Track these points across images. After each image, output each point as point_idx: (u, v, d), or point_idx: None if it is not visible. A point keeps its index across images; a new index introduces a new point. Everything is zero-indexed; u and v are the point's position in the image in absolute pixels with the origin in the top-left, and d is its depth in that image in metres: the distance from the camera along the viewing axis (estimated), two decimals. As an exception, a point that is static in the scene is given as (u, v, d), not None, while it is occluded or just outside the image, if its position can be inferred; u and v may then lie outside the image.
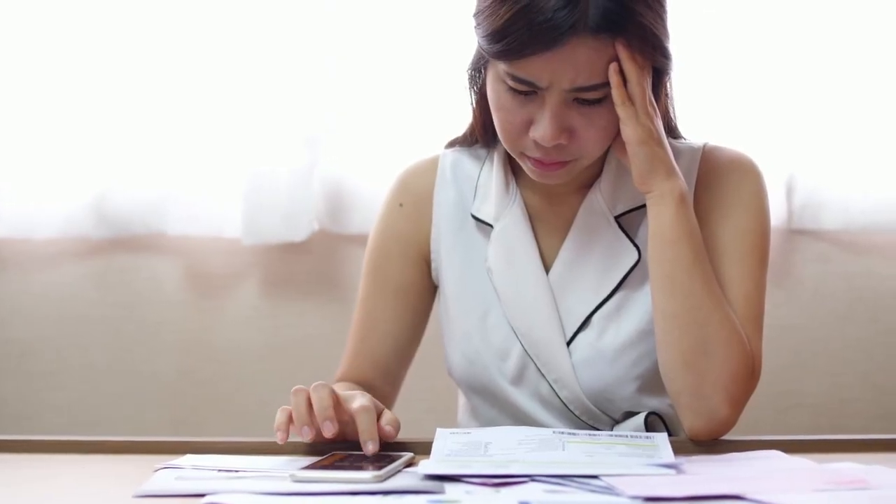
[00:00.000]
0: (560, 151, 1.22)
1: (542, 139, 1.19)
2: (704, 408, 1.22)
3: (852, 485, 0.93)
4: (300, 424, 1.12)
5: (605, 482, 0.95)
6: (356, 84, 1.92)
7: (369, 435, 1.12)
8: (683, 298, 1.22)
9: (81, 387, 1.99)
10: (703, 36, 1.88)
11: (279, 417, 1.13)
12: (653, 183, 1.23)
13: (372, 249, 1.44)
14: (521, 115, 1.21)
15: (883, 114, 1.90)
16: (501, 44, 1.16)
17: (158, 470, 1.08)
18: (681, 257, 1.23)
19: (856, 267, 1.96)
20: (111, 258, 1.99)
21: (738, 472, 1.02)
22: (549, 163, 1.23)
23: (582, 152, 1.23)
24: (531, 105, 1.20)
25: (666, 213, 1.23)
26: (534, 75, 1.17)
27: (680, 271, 1.23)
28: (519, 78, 1.18)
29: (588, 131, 1.21)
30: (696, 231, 1.24)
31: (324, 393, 1.12)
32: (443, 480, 0.99)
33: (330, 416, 1.11)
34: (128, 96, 1.93)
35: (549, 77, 1.16)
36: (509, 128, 1.23)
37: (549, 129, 1.19)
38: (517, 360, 1.34)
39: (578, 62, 1.16)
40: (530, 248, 1.34)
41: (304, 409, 1.12)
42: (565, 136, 1.20)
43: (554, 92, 1.18)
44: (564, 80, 1.17)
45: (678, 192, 1.23)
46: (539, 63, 1.15)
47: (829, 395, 1.97)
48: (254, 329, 1.98)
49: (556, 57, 1.15)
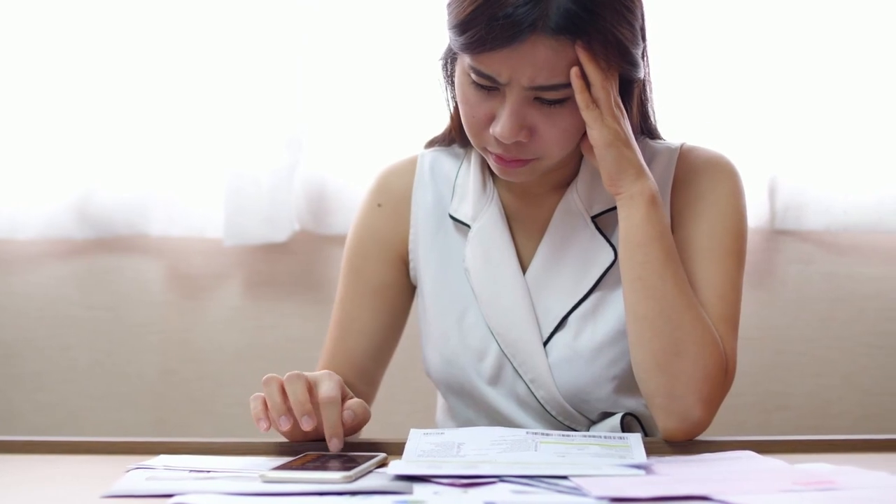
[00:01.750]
0: (520, 149, 1.22)
1: (501, 135, 1.19)
2: (678, 409, 1.22)
3: (820, 485, 0.93)
4: (277, 415, 1.12)
5: (573, 483, 0.95)
6: (337, 85, 1.92)
7: (333, 431, 1.12)
8: (655, 300, 1.22)
9: (64, 387, 1.99)
10: (687, 38, 1.88)
11: (255, 406, 1.13)
12: (622, 185, 1.23)
13: (350, 249, 1.44)
14: (484, 109, 1.21)
15: (865, 115, 1.90)
16: (464, 36, 1.16)
17: (130, 470, 1.08)
18: (651, 259, 1.22)
19: (839, 267, 1.96)
20: (94, 259, 1.99)
21: (707, 473, 1.01)
22: (509, 160, 1.23)
23: (543, 152, 1.23)
24: (493, 100, 1.20)
25: (636, 215, 1.23)
26: (494, 70, 1.17)
27: (651, 273, 1.22)
28: (481, 72, 1.18)
29: (549, 131, 1.21)
30: (666, 232, 1.24)
31: (298, 386, 1.12)
32: (412, 481, 0.99)
33: (308, 411, 1.11)
34: (110, 98, 1.92)
35: (509, 73, 1.17)
36: (472, 122, 1.24)
37: (508, 125, 1.19)
38: (494, 361, 1.34)
39: (537, 60, 1.16)
40: (507, 248, 1.34)
41: (279, 399, 1.12)
42: (525, 134, 1.20)
43: (514, 89, 1.18)
44: (524, 77, 1.17)
45: (648, 194, 1.23)
46: (499, 58, 1.16)
47: (813, 396, 1.97)
48: (236, 329, 1.98)
49: (516, 53, 1.15)
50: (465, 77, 1.22)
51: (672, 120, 1.79)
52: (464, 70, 1.22)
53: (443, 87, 1.34)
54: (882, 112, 1.90)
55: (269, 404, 1.12)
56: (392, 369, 1.49)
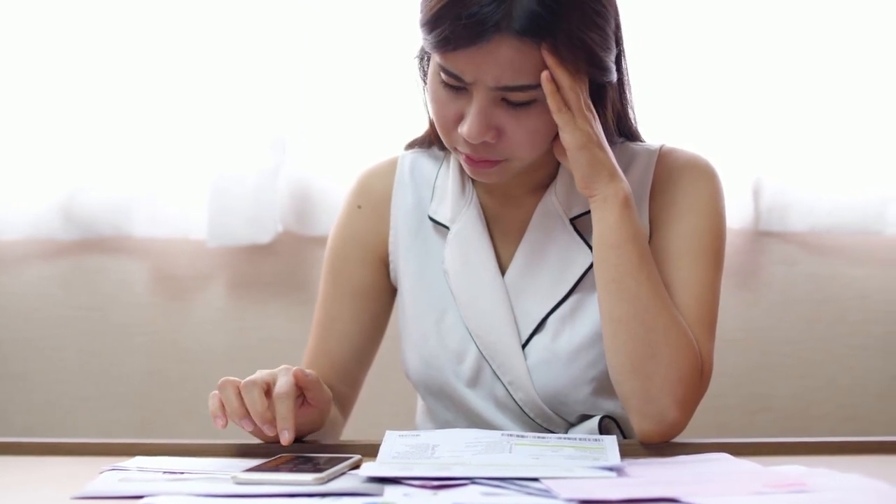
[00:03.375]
0: (488, 150, 1.22)
1: (468, 135, 1.19)
2: (653, 411, 1.22)
3: (791, 488, 0.93)
4: (237, 418, 1.12)
5: (544, 485, 0.95)
6: (321, 86, 1.92)
7: (285, 423, 1.12)
8: (629, 302, 1.22)
9: (49, 388, 1.99)
10: (671, 39, 1.88)
11: (212, 404, 1.14)
12: (595, 187, 1.23)
13: (330, 251, 1.44)
14: (453, 109, 1.21)
15: (849, 116, 1.90)
16: (432, 35, 1.17)
17: (104, 472, 1.08)
18: (625, 261, 1.22)
19: (823, 269, 1.96)
20: (79, 260, 1.99)
21: (679, 475, 1.01)
22: (477, 160, 1.23)
23: (511, 153, 1.23)
24: (461, 100, 1.21)
25: (610, 217, 1.23)
26: (459, 69, 1.17)
27: (625, 275, 1.22)
28: (448, 71, 1.19)
29: (517, 133, 1.21)
30: (640, 234, 1.24)
31: (255, 394, 1.12)
32: (384, 483, 0.99)
33: (268, 420, 1.12)
34: (95, 99, 1.93)
35: (474, 73, 1.17)
36: (442, 121, 1.24)
37: (475, 125, 1.19)
38: (473, 363, 1.34)
39: (501, 61, 1.15)
40: (486, 250, 1.34)
41: (236, 405, 1.12)
42: (492, 134, 1.20)
43: (480, 88, 1.18)
44: (488, 77, 1.17)
45: (622, 196, 1.23)
46: (464, 57, 1.16)
47: (797, 397, 1.97)
48: (220, 330, 1.98)
49: (480, 53, 1.15)
50: (435, 76, 1.22)
51: (656, 121, 1.79)
52: (434, 69, 1.22)
53: (421, 88, 1.34)
54: (866, 113, 1.90)
55: (227, 409, 1.13)
56: (373, 371, 1.49)
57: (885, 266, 1.96)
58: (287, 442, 1.12)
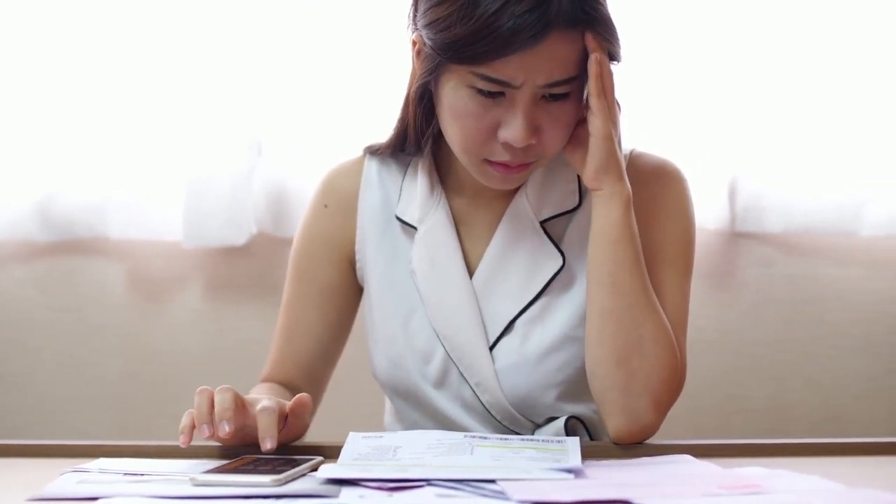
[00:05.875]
0: (527, 152, 1.22)
1: (515, 140, 1.18)
2: (630, 407, 1.22)
3: (745, 489, 0.93)
4: (199, 423, 1.12)
5: (499, 486, 0.95)
6: (296, 88, 1.92)
7: (267, 432, 1.12)
8: (622, 296, 1.22)
9: (25, 389, 1.99)
10: (646, 40, 1.88)
11: (184, 421, 1.13)
12: (604, 181, 1.23)
13: (297, 251, 1.44)
14: (489, 118, 1.19)
15: (824, 117, 1.90)
16: (478, 45, 1.13)
17: (65, 473, 1.08)
18: (623, 258, 1.23)
19: (799, 269, 1.96)
20: (55, 261, 1.99)
21: (637, 477, 1.01)
22: (515, 165, 1.22)
23: (545, 152, 1.23)
24: (499, 107, 1.19)
25: (614, 213, 1.23)
26: (510, 75, 1.16)
27: (622, 270, 1.23)
28: (492, 78, 1.16)
29: (553, 129, 1.21)
30: (637, 234, 1.25)
31: (226, 396, 1.12)
32: (342, 485, 0.99)
33: (228, 417, 1.11)
34: (69, 101, 1.93)
35: (525, 74, 1.16)
36: (475, 134, 1.21)
37: (522, 128, 1.18)
38: (440, 364, 1.34)
39: (555, 56, 1.15)
40: (454, 251, 1.34)
41: (205, 409, 1.12)
42: (534, 135, 1.20)
43: (526, 90, 1.17)
44: (540, 76, 1.16)
45: (626, 195, 1.24)
46: (516, 61, 1.14)
47: (774, 398, 1.97)
48: (197, 332, 1.98)
49: (534, 52, 1.14)
50: (463, 90, 1.19)
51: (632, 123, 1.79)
52: (461, 83, 1.19)
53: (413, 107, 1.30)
54: (841, 114, 1.90)
55: (196, 413, 1.12)
56: (343, 371, 1.49)
57: (861, 266, 1.96)
58: (269, 450, 1.11)
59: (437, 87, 1.24)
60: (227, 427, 1.10)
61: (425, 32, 1.19)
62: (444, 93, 1.22)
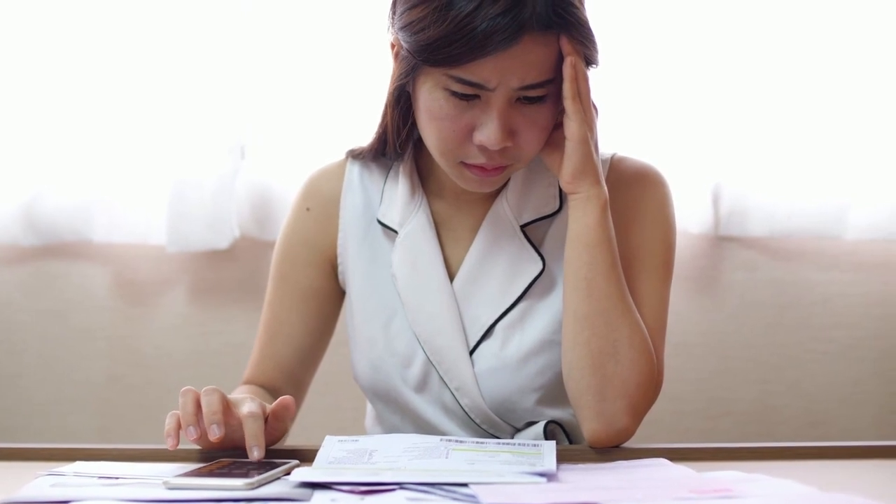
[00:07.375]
0: (503, 155, 1.22)
1: (489, 142, 1.18)
2: (605, 412, 1.22)
3: (716, 493, 0.94)
4: (186, 424, 1.11)
5: (471, 490, 0.95)
6: (279, 92, 1.92)
7: (255, 441, 1.11)
8: (598, 300, 1.22)
9: (9, 393, 1.99)
10: (630, 45, 1.89)
11: (169, 422, 1.13)
12: (581, 185, 1.24)
13: (279, 254, 1.44)
14: (464, 120, 1.19)
15: (808, 121, 1.91)
16: (452, 47, 1.13)
17: (39, 477, 1.08)
18: (599, 262, 1.23)
19: (783, 273, 1.97)
20: (40, 265, 1.99)
21: (610, 481, 1.01)
22: (491, 168, 1.23)
23: (521, 155, 1.23)
24: (474, 110, 1.19)
25: (590, 217, 1.23)
26: (484, 77, 1.16)
27: (598, 275, 1.23)
28: (466, 81, 1.16)
29: (529, 132, 1.21)
30: (614, 239, 1.25)
31: (213, 397, 1.12)
32: (315, 488, 0.99)
33: (217, 421, 1.11)
34: (54, 105, 1.93)
35: (499, 77, 1.16)
36: (451, 136, 1.21)
37: (497, 130, 1.18)
38: (420, 368, 1.34)
39: (530, 59, 1.15)
40: (434, 255, 1.34)
41: (191, 410, 1.12)
42: (510, 138, 1.20)
43: (501, 92, 1.17)
44: (514, 79, 1.16)
45: (603, 199, 1.24)
46: (490, 64, 1.15)
47: (758, 402, 1.98)
48: (181, 335, 1.98)
49: (508, 55, 1.14)
50: (438, 91, 1.19)
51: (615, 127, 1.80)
52: (437, 85, 1.19)
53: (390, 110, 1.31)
54: (824, 118, 1.91)
55: (182, 414, 1.12)
56: (325, 375, 1.49)
57: (845, 270, 1.97)
58: (257, 459, 1.11)
59: (414, 90, 1.24)
60: (218, 431, 1.10)
61: (401, 35, 1.20)
62: (421, 95, 1.22)
